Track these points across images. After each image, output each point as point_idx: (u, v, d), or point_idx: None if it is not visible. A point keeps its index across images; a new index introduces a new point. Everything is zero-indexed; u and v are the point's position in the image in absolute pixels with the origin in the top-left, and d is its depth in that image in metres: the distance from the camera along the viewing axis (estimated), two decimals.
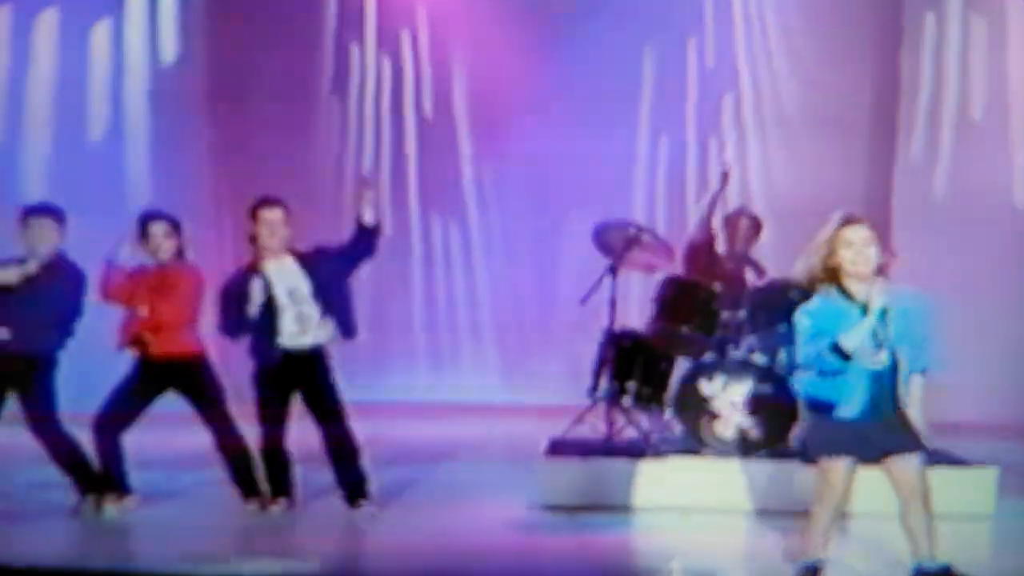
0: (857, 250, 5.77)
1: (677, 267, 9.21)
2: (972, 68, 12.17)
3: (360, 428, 7.92)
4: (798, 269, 6.07)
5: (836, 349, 5.81)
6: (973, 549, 6.85)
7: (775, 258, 9.26)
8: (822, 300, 5.93)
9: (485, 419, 11.81)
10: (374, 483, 7.86)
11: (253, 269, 7.55)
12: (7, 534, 7.43)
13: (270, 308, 7.46)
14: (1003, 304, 10.96)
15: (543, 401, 11.45)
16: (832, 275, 5.86)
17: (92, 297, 7.89)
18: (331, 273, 7.64)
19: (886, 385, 5.95)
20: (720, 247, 9.47)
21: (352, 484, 7.66)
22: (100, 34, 12.25)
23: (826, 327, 5.86)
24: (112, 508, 7.54)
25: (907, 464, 5.99)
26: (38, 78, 12.05)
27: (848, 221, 5.85)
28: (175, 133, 12.24)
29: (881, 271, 6.22)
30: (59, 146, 11.95)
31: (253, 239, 7.56)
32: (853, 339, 5.78)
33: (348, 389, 8.02)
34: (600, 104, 12.76)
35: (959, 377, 7.83)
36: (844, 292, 5.87)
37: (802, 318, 6.01)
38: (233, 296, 7.57)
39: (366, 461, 7.83)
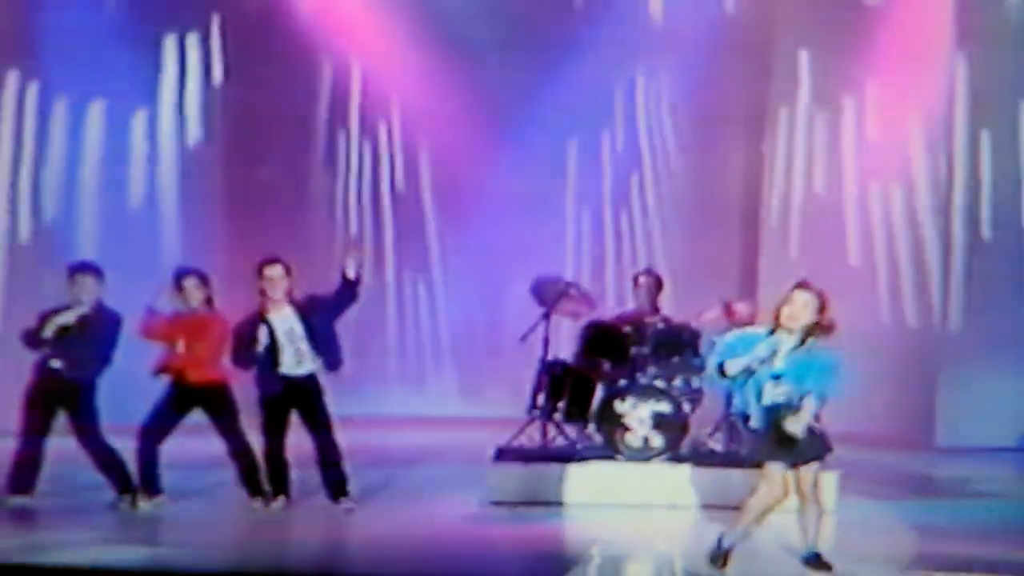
0: (792, 309, 6.20)
1: (597, 314, 9.66)
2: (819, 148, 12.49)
3: (342, 438, 8.24)
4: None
5: (720, 368, 6.29)
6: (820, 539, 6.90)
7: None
8: (750, 332, 6.41)
9: (445, 430, 12.00)
10: (354, 484, 8.23)
11: (260, 316, 7.99)
12: (59, 525, 7.82)
13: (273, 347, 7.96)
14: (852, 337, 11.79)
15: (492, 415, 11.52)
16: (775, 321, 6.27)
17: (134, 336, 8.24)
18: (321, 318, 8.06)
19: (783, 412, 6.26)
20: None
21: (335, 483, 8.13)
22: (139, 121, 12.43)
23: (736, 351, 6.30)
24: (145, 504, 8.03)
25: (807, 472, 6.39)
26: (88, 157, 12.23)
27: (799, 285, 6.33)
28: (198, 204, 12.57)
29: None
30: (105, 214, 12.17)
31: (261, 291, 7.97)
32: (733, 367, 6.23)
33: (331, 404, 8.23)
34: (537, 181, 13.18)
35: None
36: (772, 334, 6.25)
37: (724, 338, 6.47)
38: (243, 337, 8.00)
39: (347, 465, 8.16)
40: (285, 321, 8.00)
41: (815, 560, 6.37)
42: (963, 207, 11.42)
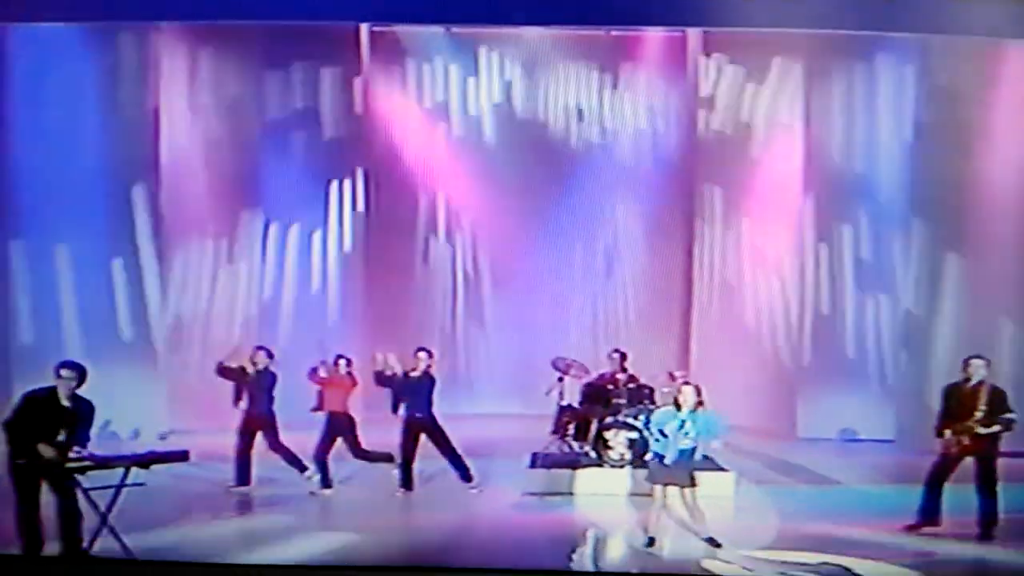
0: (684, 397, 8.44)
1: (589, 377, 11.80)
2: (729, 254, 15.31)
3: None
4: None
5: (660, 431, 8.52)
6: (722, 513, 9.17)
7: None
8: (672, 408, 8.54)
9: (494, 425, 13.74)
10: (426, 474, 10.30)
11: (405, 377, 10.42)
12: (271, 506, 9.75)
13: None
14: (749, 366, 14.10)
15: (528, 412, 13.24)
16: (676, 402, 8.51)
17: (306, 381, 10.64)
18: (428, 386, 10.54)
19: (687, 453, 8.40)
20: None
21: (464, 474, 10.41)
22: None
23: (664, 422, 8.48)
24: (328, 491, 10.47)
25: (686, 491, 8.50)
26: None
27: (685, 383, 8.67)
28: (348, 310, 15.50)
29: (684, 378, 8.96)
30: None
31: (415, 365, 10.45)
32: (668, 429, 8.46)
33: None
34: (560, 263, 15.94)
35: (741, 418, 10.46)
36: (678, 408, 8.44)
37: (658, 416, 8.63)
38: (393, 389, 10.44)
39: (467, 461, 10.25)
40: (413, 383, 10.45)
41: (709, 540, 8.53)
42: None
